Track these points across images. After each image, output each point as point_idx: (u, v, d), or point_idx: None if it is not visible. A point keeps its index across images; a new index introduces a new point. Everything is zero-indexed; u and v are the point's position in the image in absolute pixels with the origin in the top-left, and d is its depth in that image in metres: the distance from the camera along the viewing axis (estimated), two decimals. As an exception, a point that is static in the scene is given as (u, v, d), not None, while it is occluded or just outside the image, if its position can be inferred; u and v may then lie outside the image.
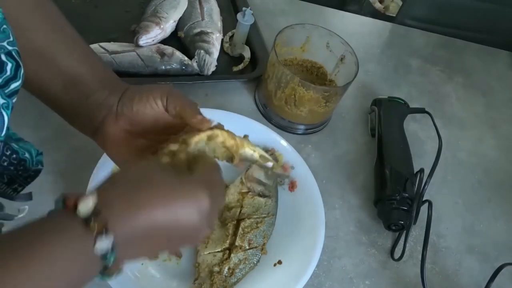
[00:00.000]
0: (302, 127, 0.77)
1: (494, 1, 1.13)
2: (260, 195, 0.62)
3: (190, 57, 0.76)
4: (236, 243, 0.57)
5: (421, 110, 0.81)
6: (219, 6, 0.87)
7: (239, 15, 0.79)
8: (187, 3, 0.84)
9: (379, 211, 0.69)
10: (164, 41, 0.78)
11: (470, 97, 0.95)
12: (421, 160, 0.74)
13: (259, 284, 0.57)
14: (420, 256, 0.64)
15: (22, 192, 0.47)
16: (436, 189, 0.76)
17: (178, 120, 0.44)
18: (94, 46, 0.73)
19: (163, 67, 0.74)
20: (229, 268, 0.56)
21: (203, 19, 0.81)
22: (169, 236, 0.36)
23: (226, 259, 0.56)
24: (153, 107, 0.43)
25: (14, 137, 0.47)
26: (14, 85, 0.38)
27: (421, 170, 0.68)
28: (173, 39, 0.82)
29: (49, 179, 0.62)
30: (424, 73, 0.96)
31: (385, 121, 0.77)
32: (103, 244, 0.31)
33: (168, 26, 0.79)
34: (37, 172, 0.48)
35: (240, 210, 0.60)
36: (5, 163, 0.43)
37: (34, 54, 0.43)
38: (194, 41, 0.79)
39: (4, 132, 0.38)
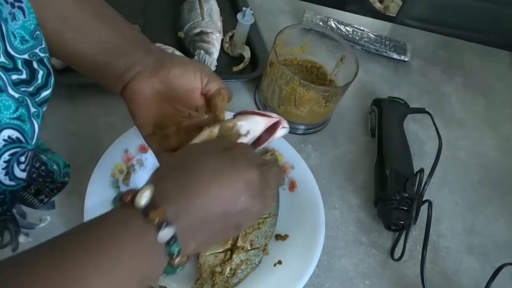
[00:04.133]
0: (302, 127, 0.77)
1: (494, 1, 1.13)
2: (261, 196, 0.62)
3: (190, 57, 0.76)
4: (238, 244, 0.57)
5: (421, 110, 0.81)
6: (219, 6, 0.87)
7: (239, 15, 0.79)
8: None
9: (379, 211, 0.69)
10: (164, 41, 0.78)
11: (470, 97, 0.95)
12: (421, 160, 0.74)
13: (259, 284, 0.57)
14: (420, 256, 0.64)
15: None
16: (436, 189, 0.76)
17: (205, 101, 0.48)
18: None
19: (163, 67, 0.74)
20: (231, 269, 0.56)
21: (203, 19, 0.81)
22: (226, 217, 0.36)
23: (228, 259, 0.56)
24: (190, 79, 0.46)
25: (42, 148, 0.47)
26: (44, 93, 0.38)
27: (421, 170, 0.68)
28: (173, 39, 0.82)
29: (49, 179, 0.62)
30: (424, 73, 0.96)
31: (385, 121, 0.77)
32: (165, 232, 0.32)
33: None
34: (63, 184, 0.48)
35: (241, 211, 0.60)
36: (34, 175, 0.43)
37: (69, 22, 0.44)
38: (194, 41, 0.79)
39: (34, 141, 0.38)
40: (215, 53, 0.78)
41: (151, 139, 0.48)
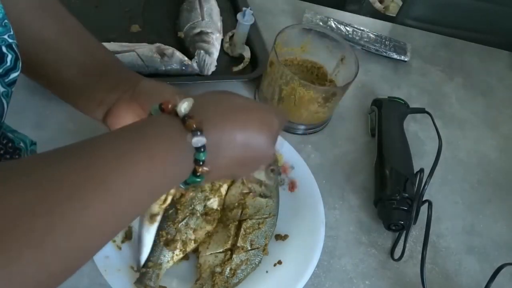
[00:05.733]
0: (302, 127, 0.77)
1: (494, 1, 1.13)
2: (261, 196, 0.62)
3: (190, 57, 0.76)
4: (238, 244, 0.57)
5: (421, 110, 0.81)
6: (219, 6, 0.87)
7: (239, 15, 0.79)
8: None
9: (379, 211, 0.69)
10: (164, 42, 0.78)
11: (470, 97, 0.95)
12: (421, 160, 0.74)
13: (259, 284, 0.57)
14: (420, 256, 0.64)
15: None
16: (436, 189, 0.76)
17: None
18: (94, 46, 0.73)
19: (163, 67, 0.74)
20: (230, 269, 0.56)
21: (203, 19, 0.81)
22: (245, 148, 0.40)
23: (228, 259, 0.56)
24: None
25: (9, 129, 0.49)
26: (13, 75, 0.41)
27: (421, 170, 0.68)
28: (173, 39, 0.82)
29: (49, 179, 0.62)
30: (424, 73, 0.96)
31: (385, 121, 0.77)
32: (199, 139, 0.35)
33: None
34: None
35: (242, 211, 0.60)
36: (2, 151, 0.46)
37: (48, 43, 0.47)
38: (194, 41, 0.78)
39: (3, 119, 0.41)
40: (215, 53, 0.78)
41: None
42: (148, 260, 0.54)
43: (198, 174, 0.37)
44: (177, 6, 0.86)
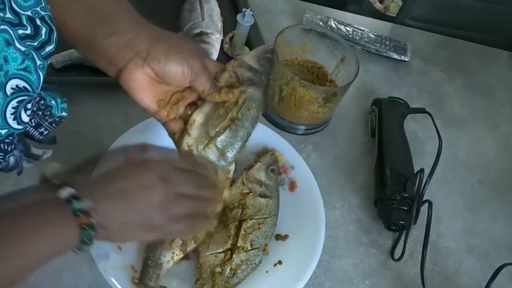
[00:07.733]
0: (302, 127, 0.77)
1: (494, 1, 1.13)
2: (261, 196, 0.62)
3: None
4: (238, 244, 0.57)
5: (421, 110, 0.81)
6: (220, 6, 0.87)
7: (239, 16, 0.79)
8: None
9: (379, 211, 0.69)
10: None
11: (470, 97, 0.95)
12: (421, 160, 0.74)
13: (259, 284, 0.57)
14: (420, 256, 0.64)
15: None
16: (436, 189, 0.76)
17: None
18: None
19: (163, 67, 0.74)
20: (231, 269, 0.56)
21: (203, 19, 0.81)
22: (131, 211, 0.42)
23: (228, 259, 0.56)
24: (183, 72, 0.48)
25: (42, 86, 0.51)
26: (48, 48, 0.42)
27: (421, 170, 0.68)
28: (173, 39, 0.82)
29: (50, 179, 0.62)
30: (424, 73, 0.96)
31: (385, 121, 0.77)
32: (65, 190, 0.38)
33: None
34: (61, 118, 0.53)
35: (242, 211, 0.60)
36: (35, 108, 0.47)
37: None
38: (194, 41, 0.79)
39: (39, 90, 0.43)
40: (215, 54, 0.78)
41: (159, 114, 0.51)
42: (148, 259, 0.54)
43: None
44: (177, 6, 0.86)
